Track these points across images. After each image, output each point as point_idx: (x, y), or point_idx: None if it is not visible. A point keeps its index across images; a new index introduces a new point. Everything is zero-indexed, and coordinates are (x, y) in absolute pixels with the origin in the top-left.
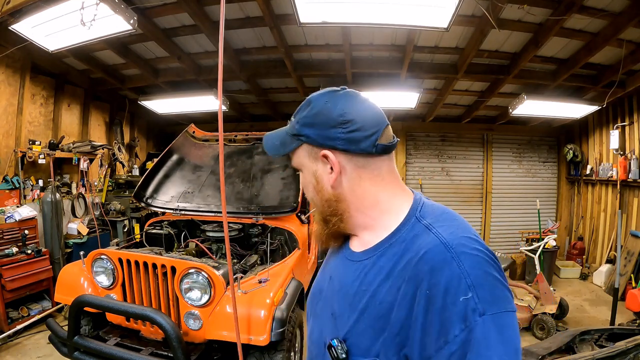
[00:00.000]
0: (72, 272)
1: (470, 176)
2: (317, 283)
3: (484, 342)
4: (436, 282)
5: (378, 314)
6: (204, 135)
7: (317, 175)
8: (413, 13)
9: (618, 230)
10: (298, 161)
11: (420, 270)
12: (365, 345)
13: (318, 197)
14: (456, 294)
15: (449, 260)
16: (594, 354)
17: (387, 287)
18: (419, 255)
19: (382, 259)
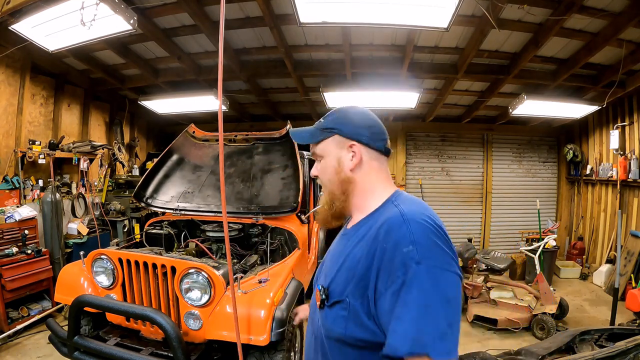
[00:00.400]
0: (72, 272)
1: (470, 176)
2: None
3: (416, 283)
4: (389, 239)
5: (350, 266)
6: (204, 135)
7: (340, 160)
8: (413, 13)
9: (618, 230)
10: (323, 148)
11: (380, 231)
12: (340, 290)
13: (336, 177)
14: (401, 245)
15: (401, 224)
16: (594, 354)
17: (359, 247)
18: (382, 221)
19: (361, 229)
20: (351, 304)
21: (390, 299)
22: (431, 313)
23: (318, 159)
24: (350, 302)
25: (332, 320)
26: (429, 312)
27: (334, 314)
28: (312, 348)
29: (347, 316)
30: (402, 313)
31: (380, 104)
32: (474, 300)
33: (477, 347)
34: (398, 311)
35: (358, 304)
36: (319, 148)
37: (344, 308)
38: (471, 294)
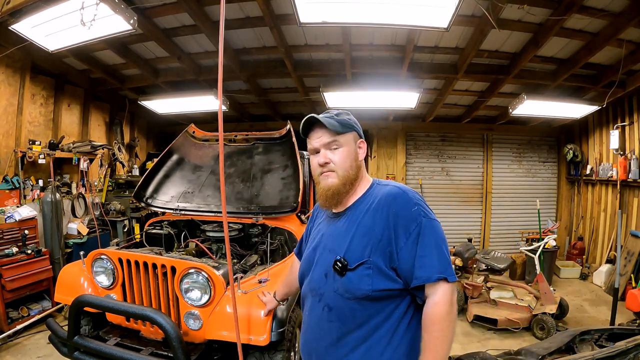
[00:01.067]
0: (72, 272)
1: (470, 176)
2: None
3: (427, 230)
4: (397, 205)
5: (363, 232)
6: (204, 135)
7: (357, 151)
8: (413, 13)
9: (618, 230)
10: (347, 139)
11: (386, 200)
12: (359, 254)
13: (355, 163)
14: (410, 207)
15: (403, 193)
16: (594, 354)
17: (367, 217)
18: (384, 193)
19: (360, 206)
20: (374, 261)
21: (411, 246)
22: (441, 250)
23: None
24: (373, 260)
25: (358, 280)
26: (440, 249)
27: (359, 275)
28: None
29: (371, 273)
30: (424, 252)
31: (380, 104)
32: (474, 300)
33: (477, 347)
34: (420, 252)
35: (380, 260)
36: (344, 138)
37: (367, 267)
38: (471, 294)
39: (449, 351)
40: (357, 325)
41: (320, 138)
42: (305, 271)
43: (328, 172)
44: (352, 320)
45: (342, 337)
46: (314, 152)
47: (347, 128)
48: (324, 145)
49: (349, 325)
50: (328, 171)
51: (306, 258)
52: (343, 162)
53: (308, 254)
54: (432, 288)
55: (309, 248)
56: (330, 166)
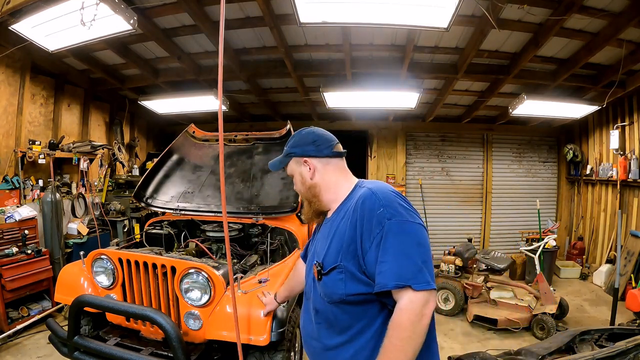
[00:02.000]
0: (72, 272)
1: (470, 176)
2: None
3: (391, 234)
4: (365, 208)
5: (338, 237)
6: (204, 135)
7: (302, 174)
8: (413, 13)
9: (618, 230)
10: (290, 169)
11: (357, 204)
12: (333, 258)
13: (304, 187)
14: (375, 209)
15: (371, 195)
16: (594, 354)
17: (342, 222)
18: (357, 197)
19: (342, 211)
20: (345, 266)
21: (374, 250)
22: (407, 254)
23: (292, 178)
24: (344, 265)
25: (332, 285)
26: (405, 253)
27: (332, 280)
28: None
29: (344, 277)
30: (384, 257)
31: (380, 104)
32: (474, 300)
33: (477, 347)
34: (381, 257)
35: (350, 264)
36: (288, 170)
37: (340, 272)
38: (471, 294)
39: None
40: (342, 329)
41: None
42: (306, 273)
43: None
44: (336, 324)
45: (330, 339)
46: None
47: (286, 158)
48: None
49: (334, 328)
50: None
51: (308, 262)
52: (299, 190)
53: (309, 258)
54: (397, 294)
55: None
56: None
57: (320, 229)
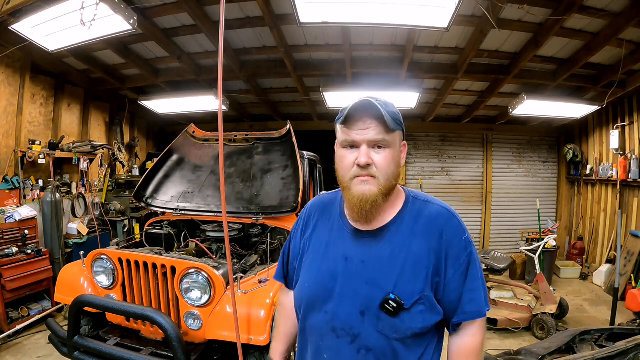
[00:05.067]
0: (72, 272)
1: (470, 176)
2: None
3: (474, 262)
4: (450, 228)
5: (415, 261)
6: (204, 135)
7: (400, 155)
8: (413, 13)
9: (618, 230)
10: (394, 139)
11: (438, 224)
12: (411, 289)
13: (397, 171)
14: (461, 234)
15: (452, 216)
16: (594, 354)
17: (416, 242)
18: (434, 215)
19: (402, 226)
20: (428, 296)
21: (460, 277)
22: (483, 282)
23: (380, 146)
24: (427, 295)
25: (411, 319)
26: (484, 282)
27: (412, 314)
28: None
29: (424, 309)
30: (474, 286)
31: None
32: None
33: None
34: (470, 285)
35: (431, 294)
36: (392, 137)
37: (422, 303)
38: None
39: None
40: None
41: (367, 131)
42: (315, 301)
43: (367, 177)
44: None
45: None
46: (347, 145)
47: (397, 125)
48: (368, 141)
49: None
50: (367, 176)
51: (315, 285)
52: (387, 167)
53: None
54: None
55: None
56: (372, 170)
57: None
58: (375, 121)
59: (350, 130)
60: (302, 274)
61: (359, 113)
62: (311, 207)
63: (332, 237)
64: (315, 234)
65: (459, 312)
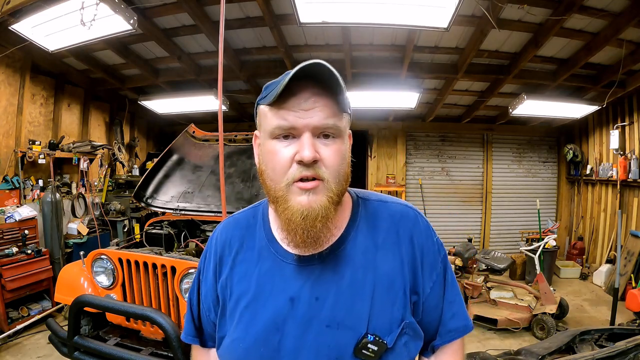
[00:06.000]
0: (72, 272)
1: (470, 176)
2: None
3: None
4: (419, 231)
5: (387, 282)
6: (204, 135)
7: (348, 149)
8: (413, 13)
9: (618, 230)
10: (343, 126)
11: (404, 227)
12: (388, 321)
13: (346, 170)
14: (431, 236)
15: (416, 216)
16: (594, 354)
17: (382, 255)
18: (397, 217)
19: (359, 238)
20: (410, 323)
21: (438, 290)
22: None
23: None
24: (409, 322)
25: (397, 356)
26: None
27: (397, 350)
28: None
29: (408, 339)
30: (453, 296)
31: (380, 104)
32: (474, 300)
33: (477, 347)
34: (449, 296)
35: (411, 316)
36: (342, 123)
37: (405, 333)
38: (471, 294)
39: None
40: None
41: (311, 112)
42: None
43: (313, 183)
44: None
45: None
46: (279, 135)
47: (346, 106)
48: (313, 127)
49: None
50: (314, 179)
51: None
52: (339, 165)
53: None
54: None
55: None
56: (320, 170)
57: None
58: (324, 98)
59: (286, 112)
60: (228, 331)
61: (302, 85)
62: (221, 234)
63: (263, 273)
64: (236, 271)
65: (442, 331)
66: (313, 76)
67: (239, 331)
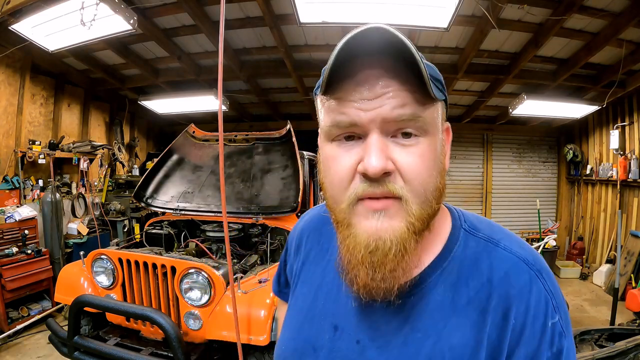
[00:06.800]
0: (72, 272)
1: (470, 176)
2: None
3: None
4: (525, 307)
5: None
6: (204, 135)
7: (444, 149)
8: (413, 13)
9: (618, 230)
10: (432, 118)
11: (505, 294)
12: None
13: (438, 183)
14: (545, 317)
15: (535, 279)
16: (594, 354)
17: (455, 325)
18: (499, 277)
19: (436, 291)
20: None
21: None
22: None
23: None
24: None
25: None
26: None
27: None
28: None
29: None
30: None
31: None
32: None
33: None
34: None
35: None
36: (430, 113)
37: None
38: None
39: None
40: None
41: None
42: None
43: (384, 201)
44: None
45: None
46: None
47: (440, 90)
48: (383, 121)
49: None
50: (384, 197)
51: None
52: (426, 177)
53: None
54: None
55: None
56: (394, 184)
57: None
58: (397, 80)
59: (344, 103)
60: (284, 324)
61: (362, 62)
62: (302, 230)
63: (324, 285)
64: (305, 270)
65: None
66: (377, 49)
67: (286, 334)
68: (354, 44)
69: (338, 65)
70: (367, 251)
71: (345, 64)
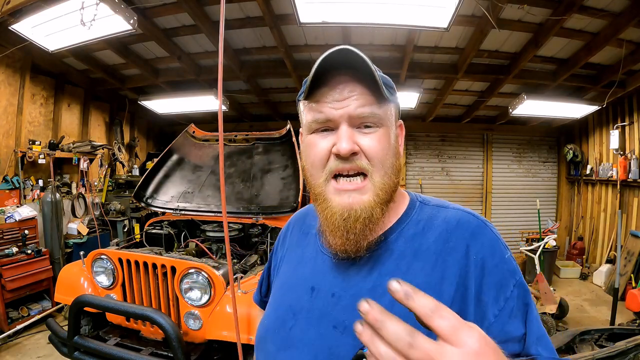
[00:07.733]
0: (72, 272)
1: (470, 176)
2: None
3: (528, 290)
4: (481, 245)
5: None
6: (204, 135)
7: (397, 138)
8: (413, 13)
9: (618, 230)
10: (386, 114)
11: (459, 236)
12: None
13: (397, 161)
14: (501, 252)
15: (483, 225)
16: (594, 354)
17: (416, 267)
18: (452, 224)
19: (397, 244)
20: None
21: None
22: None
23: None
24: None
25: None
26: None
27: None
28: None
29: None
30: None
31: None
32: None
33: None
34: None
35: None
36: (384, 110)
37: None
38: None
39: None
40: None
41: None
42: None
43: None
44: None
45: None
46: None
47: (391, 93)
48: (350, 116)
49: None
50: (355, 174)
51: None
52: (383, 155)
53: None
54: None
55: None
56: (360, 161)
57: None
58: (360, 86)
59: (320, 104)
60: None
61: (333, 74)
62: (289, 221)
63: (303, 258)
64: (288, 254)
65: None
66: (344, 64)
67: (268, 309)
68: (329, 61)
69: (317, 77)
70: (342, 219)
71: (322, 76)
